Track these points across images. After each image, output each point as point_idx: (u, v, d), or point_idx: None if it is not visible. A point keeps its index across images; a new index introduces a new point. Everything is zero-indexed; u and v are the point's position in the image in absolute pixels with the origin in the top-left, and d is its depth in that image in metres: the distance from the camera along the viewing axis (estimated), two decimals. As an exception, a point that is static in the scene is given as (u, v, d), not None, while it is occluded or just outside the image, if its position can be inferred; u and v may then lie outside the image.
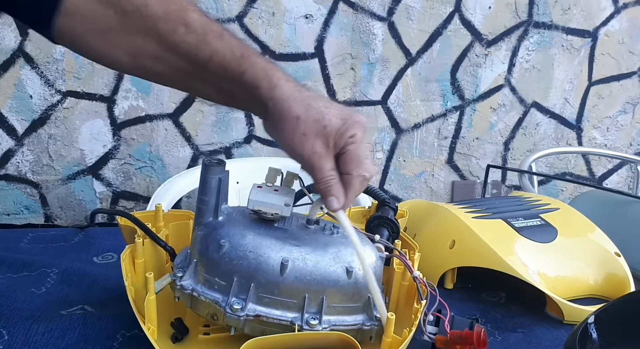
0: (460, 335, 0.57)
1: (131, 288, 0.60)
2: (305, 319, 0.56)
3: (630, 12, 2.42)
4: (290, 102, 0.56)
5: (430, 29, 2.23)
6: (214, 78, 0.58)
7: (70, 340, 0.62)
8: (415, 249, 0.69)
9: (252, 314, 0.56)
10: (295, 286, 0.56)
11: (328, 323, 0.57)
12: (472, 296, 0.79)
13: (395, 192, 2.39)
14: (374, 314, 0.58)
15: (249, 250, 0.57)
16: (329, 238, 0.60)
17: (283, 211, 0.60)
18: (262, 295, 0.56)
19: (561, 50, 2.40)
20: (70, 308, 0.68)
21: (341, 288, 0.57)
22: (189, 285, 0.58)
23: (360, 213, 0.79)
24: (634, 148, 2.65)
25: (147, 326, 0.58)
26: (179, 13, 0.57)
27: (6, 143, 1.97)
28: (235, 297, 0.56)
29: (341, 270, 0.57)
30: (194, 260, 0.59)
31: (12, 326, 0.64)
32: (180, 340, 0.62)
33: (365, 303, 0.58)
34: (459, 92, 2.34)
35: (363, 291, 0.58)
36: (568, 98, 2.49)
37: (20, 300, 0.69)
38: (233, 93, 0.59)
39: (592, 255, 0.80)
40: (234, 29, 2.00)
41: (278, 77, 0.57)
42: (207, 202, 0.61)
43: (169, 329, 0.63)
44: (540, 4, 2.31)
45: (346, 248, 0.59)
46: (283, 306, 0.57)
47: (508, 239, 0.78)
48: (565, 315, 0.72)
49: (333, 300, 0.57)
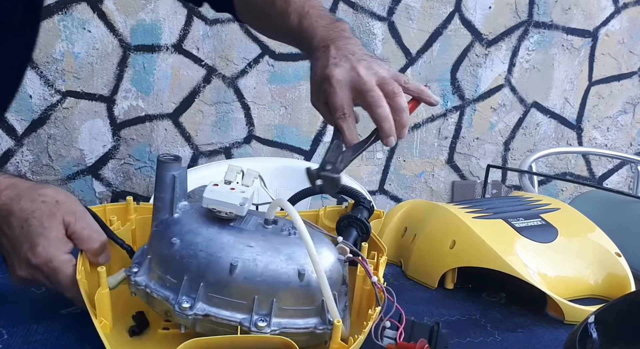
0: (405, 347, 0.57)
1: (84, 282, 0.61)
2: (254, 321, 0.55)
3: (631, 12, 2.42)
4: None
5: (430, 29, 2.23)
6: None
7: (70, 339, 0.62)
8: (384, 251, 0.69)
9: (201, 313, 0.56)
10: (245, 287, 0.55)
11: (278, 325, 0.56)
12: (472, 296, 0.79)
13: (395, 192, 2.39)
14: (327, 318, 0.57)
15: (200, 249, 0.56)
16: (284, 239, 0.59)
17: (238, 211, 0.59)
18: (212, 295, 0.56)
19: (561, 50, 2.40)
20: (70, 308, 0.68)
21: (292, 291, 0.56)
22: (142, 281, 0.58)
23: (336, 212, 0.78)
24: (634, 148, 2.65)
25: (98, 320, 0.59)
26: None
27: (6, 143, 1.97)
28: (186, 295, 0.56)
29: (293, 271, 0.56)
30: (148, 257, 0.59)
31: (12, 325, 0.64)
32: (138, 334, 0.62)
33: (318, 306, 0.57)
34: (459, 92, 2.34)
35: (316, 295, 0.57)
36: (568, 98, 2.49)
37: (20, 300, 0.70)
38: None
39: (593, 255, 0.80)
40: (234, 28, 2.00)
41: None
42: (162, 199, 0.61)
43: (132, 322, 0.63)
44: (540, 4, 2.31)
45: (301, 250, 0.57)
46: (232, 307, 0.56)
47: (508, 239, 0.78)
48: (565, 315, 0.72)
49: (284, 303, 0.56)
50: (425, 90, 0.74)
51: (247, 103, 2.13)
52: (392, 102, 0.69)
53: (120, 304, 0.63)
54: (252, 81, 2.11)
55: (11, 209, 0.61)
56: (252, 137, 2.17)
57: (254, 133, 2.17)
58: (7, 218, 0.61)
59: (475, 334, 0.69)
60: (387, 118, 0.68)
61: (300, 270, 0.56)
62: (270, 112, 2.16)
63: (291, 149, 2.23)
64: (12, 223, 0.61)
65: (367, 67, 0.69)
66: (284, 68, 2.13)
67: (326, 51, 0.71)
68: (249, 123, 2.15)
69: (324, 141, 2.23)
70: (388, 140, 0.69)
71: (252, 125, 2.16)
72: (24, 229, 0.60)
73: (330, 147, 0.69)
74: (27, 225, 0.60)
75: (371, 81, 0.68)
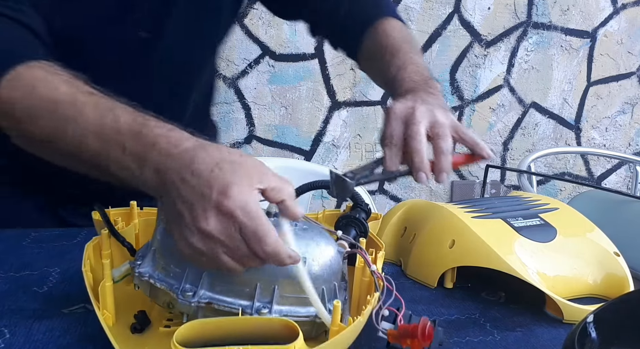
0: (406, 328, 0.57)
1: (89, 274, 0.61)
2: (256, 308, 0.56)
3: (629, 12, 2.43)
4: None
5: (430, 30, 2.23)
6: None
7: (72, 339, 0.62)
8: (381, 248, 0.70)
9: (204, 300, 0.56)
10: (247, 275, 0.56)
11: (279, 312, 0.57)
12: (471, 295, 0.79)
13: (395, 192, 2.40)
14: (328, 308, 0.58)
15: None
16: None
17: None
18: (215, 282, 0.57)
19: (560, 50, 2.40)
20: (72, 307, 0.68)
21: (293, 279, 0.57)
22: (146, 271, 0.59)
23: (335, 216, 0.80)
24: (633, 148, 2.66)
25: (101, 312, 0.59)
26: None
27: (6, 143, 1.97)
28: (189, 284, 0.57)
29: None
30: (152, 249, 0.60)
31: (14, 324, 0.64)
32: (140, 331, 0.63)
33: (319, 295, 0.58)
34: (458, 92, 2.34)
35: (317, 283, 0.58)
36: (567, 98, 2.49)
37: (22, 299, 0.70)
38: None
39: (592, 254, 0.81)
40: (234, 29, 2.00)
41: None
42: None
43: (134, 321, 0.64)
44: (539, 5, 2.31)
45: (301, 240, 0.59)
46: (235, 294, 0.57)
47: (507, 239, 0.78)
48: (564, 314, 0.72)
49: (285, 290, 0.57)
50: (479, 143, 0.74)
51: (248, 103, 2.13)
52: (434, 143, 0.70)
53: (123, 303, 0.64)
54: (252, 81, 2.11)
55: (197, 155, 0.53)
56: (252, 137, 2.18)
57: (254, 134, 2.17)
58: (191, 165, 0.52)
59: (474, 333, 0.69)
60: (419, 152, 0.69)
61: (302, 258, 0.57)
62: (271, 112, 2.17)
63: (291, 149, 2.23)
64: (198, 168, 0.52)
65: (426, 108, 0.71)
66: (285, 69, 2.13)
67: (404, 95, 0.75)
68: (249, 123, 2.16)
69: (324, 141, 2.23)
70: (417, 174, 0.69)
71: (252, 126, 2.16)
72: (214, 172, 0.52)
73: (367, 163, 0.71)
74: (219, 168, 0.52)
75: (421, 118, 0.70)
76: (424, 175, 0.69)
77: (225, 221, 0.51)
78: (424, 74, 0.81)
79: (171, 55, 0.88)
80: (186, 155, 0.53)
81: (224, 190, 0.51)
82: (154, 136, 0.54)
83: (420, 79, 0.80)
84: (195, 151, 0.53)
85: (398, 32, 0.91)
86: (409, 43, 0.89)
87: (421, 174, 0.69)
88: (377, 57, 0.89)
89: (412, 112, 0.70)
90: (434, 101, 0.73)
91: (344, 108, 2.23)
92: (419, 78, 0.80)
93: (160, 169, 0.53)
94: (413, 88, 0.77)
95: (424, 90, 0.76)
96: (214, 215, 0.51)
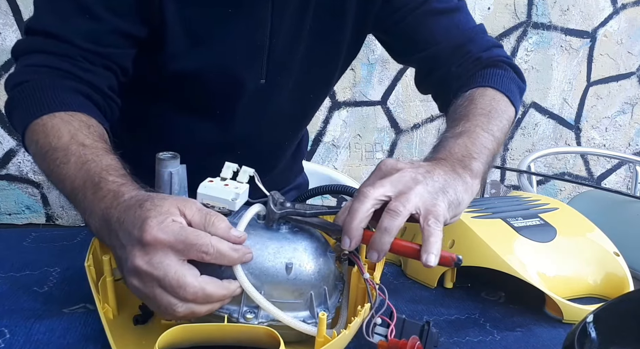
0: (396, 344, 0.58)
1: (92, 269, 0.64)
2: (243, 312, 0.57)
3: (629, 12, 2.43)
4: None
5: (430, 30, 2.23)
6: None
7: (72, 339, 0.62)
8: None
9: None
10: (234, 279, 0.57)
11: (266, 317, 0.58)
12: (471, 295, 0.79)
13: (395, 192, 2.40)
14: (317, 312, 0.58)
15: None
16: (273, 233, 0.61)
17: (230, 206, 0.61)
18: None
19: (560, 50, 2.40)
20: (72, 307, 0.68)
21: (279, 284, 0.58)
22: None
23: (333, 218, 0.80)
24: (632, 148, 2.66)
25: (102, 306, 0.62)
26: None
27: (7, 143, 1.98)
28: None
29: (280, 265, 0.58)
30: None
31: (14, 324, 0.64)
32: (141, 323, 0.63)
33: (307, 300, 0.59)
34: (458, 92, 2.34)
35: (304, 288, 0.58)
36: (567, 98, 2.49)
37: (22, 299, 0.70)
38: None
39: (591, 254, 0.81)
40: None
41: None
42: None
43: (139, 312, 0.65)
44: (539, 5, 2.31)
45: (289, 244, 0.59)
46: None
47: (507, 238, 0.78)
48: (564, 314, 0.72)
49: (272, 295, 0.58)
50: (428, 247, 0.60)
51: (247, 103, 2.13)
52: (382, 216, 0.60)
53: (126, 298, 0.66)
54: (251, 81, 2.11)
55: (133, 204, 0.57)
56: (251, 137, 2.17)
57: (253, 134, 2.17)
58: (126, 212, 0.57)
59: (474, 333, 0.69)
60: (345, 214, 0.61)
61: (287, 263, 0.58)
62: (270, 112, 2.17)
63: (291, 149, 2.23)
64: (130, 214, 0.56)
65: (410, 177, 0.62)
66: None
67: (426, 160, 0.71)
68: (248, 123, 2.16)
69: (324, 141, 2.23)
70: (342, 239, 0.60)
71: (251, 125, 2.16)
72: (137, 212, 0.55)
73: (320, 206, 0.65)
74: (141, 207, 0.56)
75: (384, 183, 0.62)
76: (347, 241, 0.60)
77: (151, 252, 0.54)
78: (470, 150, 0.72)
79: (282, 104, 0.94)
80: (124, 204, 0.58)
81: (142, 225, 0.54)
82: (107, 190, 0.60)
83: (460, 153, 0.71)
84: (132, 200, 0.58)
85: (487, 100, 0.83)
86: (486, 115, 0.79)
87: (345, 239, 0.60)
88: (450, 119, 0.84)
89: (391, 174, 0.63)
90: (442, 178, 0.65)
91: (344, 108, 2.23)
92: (461, 152, 0.71)
93: (106, 219, 0.59)
94: (440, 159, 0.70)
95: (449, 165, 0.68)
96: (138, 250, 0.54)
